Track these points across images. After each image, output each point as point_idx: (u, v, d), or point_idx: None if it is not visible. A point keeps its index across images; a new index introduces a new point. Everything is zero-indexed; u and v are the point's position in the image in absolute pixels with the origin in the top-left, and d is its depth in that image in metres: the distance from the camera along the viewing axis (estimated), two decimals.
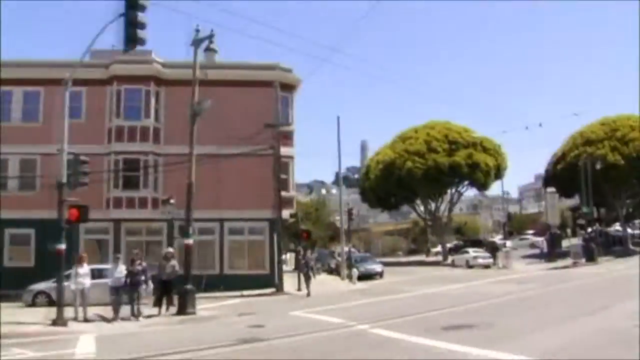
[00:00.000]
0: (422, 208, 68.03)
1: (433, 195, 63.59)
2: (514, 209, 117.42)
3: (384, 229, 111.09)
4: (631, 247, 60.31)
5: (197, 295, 22.78)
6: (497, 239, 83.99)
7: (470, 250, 53.42)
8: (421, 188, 59.54)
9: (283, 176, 33.20)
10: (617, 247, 59.93)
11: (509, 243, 78.32)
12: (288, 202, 34.06)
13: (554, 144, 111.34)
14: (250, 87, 33.54)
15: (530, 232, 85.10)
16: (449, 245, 65.89)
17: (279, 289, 30.91)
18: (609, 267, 41.76)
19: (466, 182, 61.89)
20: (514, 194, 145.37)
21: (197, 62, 21.17)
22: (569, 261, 48.25)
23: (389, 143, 65.11)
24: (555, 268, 45.08)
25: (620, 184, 57.12)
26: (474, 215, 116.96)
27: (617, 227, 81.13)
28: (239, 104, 33.01)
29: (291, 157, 34.82)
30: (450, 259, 57.25)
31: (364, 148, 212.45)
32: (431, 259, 68.66)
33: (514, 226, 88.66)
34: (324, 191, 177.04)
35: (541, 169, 79.76)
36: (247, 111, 32.83)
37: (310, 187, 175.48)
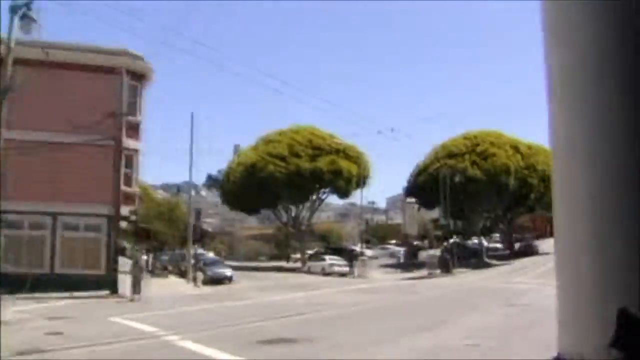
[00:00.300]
0: (284, 213, 67.61)
1: (295, 201, 63.10)
2: (380, 218, 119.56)
3: (250, 233, 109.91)
4: (486, 259, 62.62)
5: (21, 295, 20.97)
6: (357, 247, 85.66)
7: (327, 257, 53.47)
8: (283, 193, 58.96)
9: (126, 170, 31.59)
10: (473, 259, 61.87)
11: (369, 252, 79.86)
12: (130, 198, 32.40)
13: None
14: (95, 72, 31.23)
15: (393, 242, 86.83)
16: (310, 252, 65.79)
17: (114, 291, 29.16)
18: (461, 279, 42.91)
19: (328, 189, 61.73)
20: (383, 204, 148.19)
21: (13, 31, 19.34)
22: (425, 272, 49.22)
23: (252, 145, 64.25)
24: (411, 278, 45.86)
25: (478, 197, 59.08)
26: (340, 223, 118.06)
27: (475, 240, 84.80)
28: (81, 89, 30.84)
29: (136, 150, 32.96)
30: (307, 265, 57.09)
31: (236, 151, 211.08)
32: (291, 265, 68.29)
33: (377, 235, 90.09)
34: (193, 192, 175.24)
35: None
36: (90, 98, 30.63)
37: (179, 188, 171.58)
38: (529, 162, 62.13)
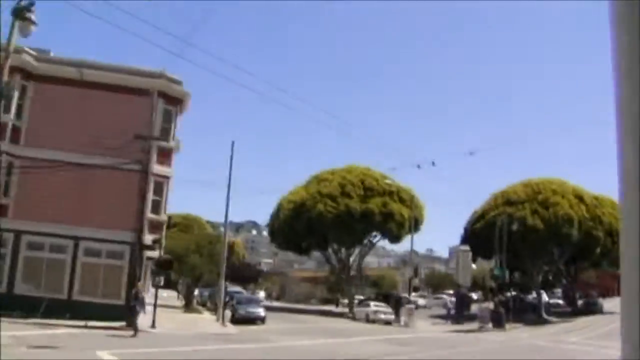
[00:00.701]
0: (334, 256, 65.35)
1: (345, 243, 60.81)
2: (440, 268, 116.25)
3: (304, 275, 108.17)
4: (545, 315, 58.95)
5: (32, 320, 19.54)
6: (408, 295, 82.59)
7: (372, 303, 50.90)
8: (331, 234, 56.91)
9: (155, 197, 30.16)
10: (531, 314, 58.45)
11: (421, 301, 76.69)
12: (156, 227, 30.93)
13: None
14: (128, 94, 30.23)
15: (449, 292, 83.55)
16: (361, 297, 63.38)
17: (130, 323, 27.37)
18: (513, 335, 39.98)
19: (379, 233, 59.28)
20: (445, 253, 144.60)
21: (13, 34, 18.16)
22: (475, 325, 46.25)
23: (304, 183, 62.57)
24: (458, 331, 43.10)
25: (538, 249, 55.86)
26: (397, 270, 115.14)
27: (535, 294, 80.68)
28: (112, 110, 29.83)
29: (166, 177, 31.58)
30: (353, 311, 54.56)
31: None
32: (340, 309, 65.85)
33: (432, 284, 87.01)
34: (254, 232, 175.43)
35: None
36: (120, 120, 29.60)
37: (238, 226, 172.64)
38: (594, 214, 58.60)
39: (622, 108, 1.37)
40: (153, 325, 28.31)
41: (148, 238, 29.56)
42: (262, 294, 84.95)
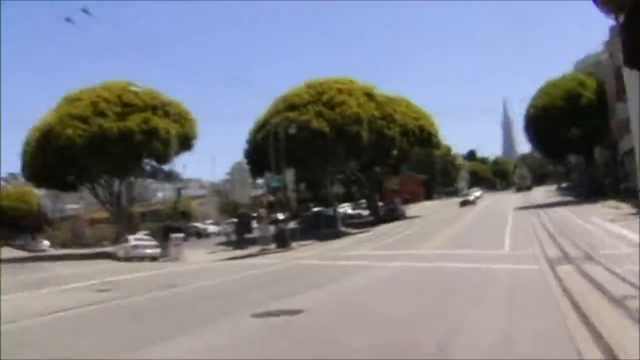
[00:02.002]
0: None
1: (105, 170, 51.34)
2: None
3: (97, 216, 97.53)
4: (343, 228, 54.09)
5: None
6: (206, 224, 75.73)
7: (132, 237, 42.68)
8: (86, 161, 47.45)
9: None
10: (327, 228, 53.37)
11: (212, 228, 69.94)
12: None
13: None
14: None
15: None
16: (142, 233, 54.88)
17: None
18: (293, 255, 34.00)
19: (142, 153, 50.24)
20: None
21: None
22: (258, 248, 39.88)
23: (55, 107, 52.16)
24: (235, 258, 36.56)
25: (327, 153, 50.28)
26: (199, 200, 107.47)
27: (346, 206, 76.83)
28: None
29: None
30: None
31: None
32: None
33: (228, 210, 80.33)
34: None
35: None
36: None
37: None
38: (386, 112, 53.90)
39: None
40: None
41: None
42: (45, 243, 77.49)
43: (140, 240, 42.32)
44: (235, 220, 51.50)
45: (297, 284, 18.08)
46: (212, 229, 69.77)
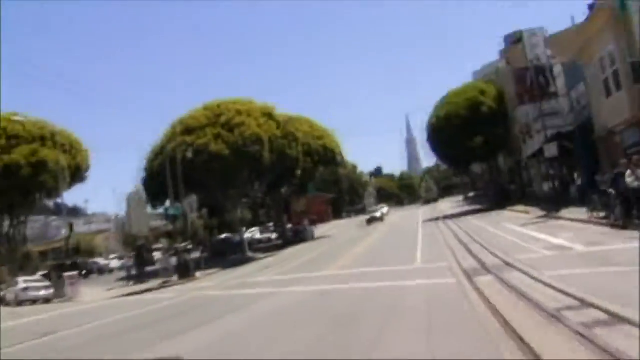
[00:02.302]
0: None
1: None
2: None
3: None
4: (250, 253, 52.06)
5: None
6: (108, 259, 72.12)
7: (20, 280, 39.36)
8: None
9: None
10: (235, 255, 51.40)
11: (115, 263, 66.43)
12: None
13: None
14: None
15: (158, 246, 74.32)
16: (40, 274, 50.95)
17: None
18: (194, 286, 31.98)
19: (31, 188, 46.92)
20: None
21: None
22: (159, 281, 37.52)
23: None
24: (132, 294, 34.13)
25: (228, 177, 48.24)
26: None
27: (254, 231, 74.65)
28: None
29: None
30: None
31: None
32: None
33: (129, 243, 76.79)
34: None
35: None
36: None
37: None
38: (288, 131, 52.40)
39: None
40: None
41: None
42: None
43: (30, 282, 39.01)
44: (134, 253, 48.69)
45: (187, 321, 16.25)
46: (114, 264, 66.26)
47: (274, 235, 70.62)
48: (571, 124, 38.57)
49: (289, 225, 69.28)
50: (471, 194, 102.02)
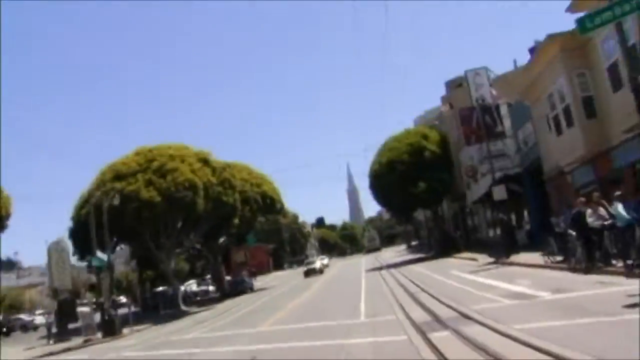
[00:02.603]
0: None
1: None
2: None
3: None
4: (184, 307, 49.04)
5: None
6: (34, 314, 67.60)
7: None
8: None
9: None
10: (169, 309, 48.31)
11: (40, 319, 62.11)
12: None
13: None
14: None
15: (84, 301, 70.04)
16: None
17: None
18: (118, 345, 29.12)
19: None
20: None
21: None
22: (81, 339, 34.21)
23: None
24: (51, 354, 30.81)
25: (159, 225, 45.52)
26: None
27: (192, 283, 71.34)
28: None
29: None
30: None
31: None
32: None
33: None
34: None
35: None
36: None
37: None
38: (224, 178, 49.88)
39: None
40: None
41: None
42: None
43: None
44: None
45: None
46: (39, 320, 61.75)
47: (211, 288, 67.52)
48: (518, 166, 37.27)
49: (228, 277, 66.26)
50: (414, 243, 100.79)
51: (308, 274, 68.09)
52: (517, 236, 36.10)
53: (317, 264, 73.75)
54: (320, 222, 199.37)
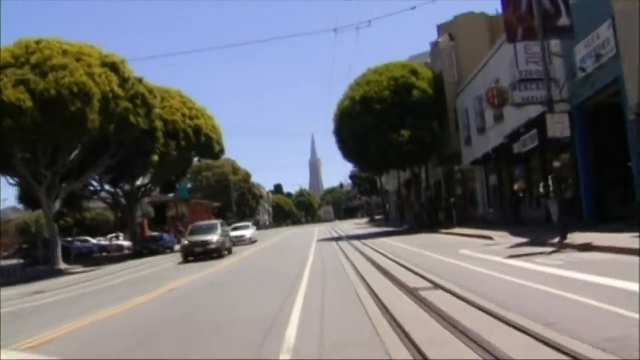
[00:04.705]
0: None
1: None
2: None
3: None
4: (65, 265, 35.87)
5: None
6: None
7: None
8: None
9: None
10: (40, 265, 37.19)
11: None
12: None
13: None
14: None
15: None
16: None
17: None
18: None
19: None
20: None
21: None
22: None
23: None
24: None
25: (35, 145, 31.87)
26: None
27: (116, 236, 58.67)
28: None
29: None
30: None
31: None
32: None
33: None
34: None
35: None
36: None
37: None
38: (137, 92, 36.34)
39: None
40: None
41: None
42: None
43: None
44: None
45: None
46: None
47: (126, 243, 53.95)
48: (565, 101, 23.37)
49: (156, 234, 52.96)
50: (379, 217, 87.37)
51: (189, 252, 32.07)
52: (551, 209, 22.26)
53: (239, 232, 47.83)
54: (278, 189, 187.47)
